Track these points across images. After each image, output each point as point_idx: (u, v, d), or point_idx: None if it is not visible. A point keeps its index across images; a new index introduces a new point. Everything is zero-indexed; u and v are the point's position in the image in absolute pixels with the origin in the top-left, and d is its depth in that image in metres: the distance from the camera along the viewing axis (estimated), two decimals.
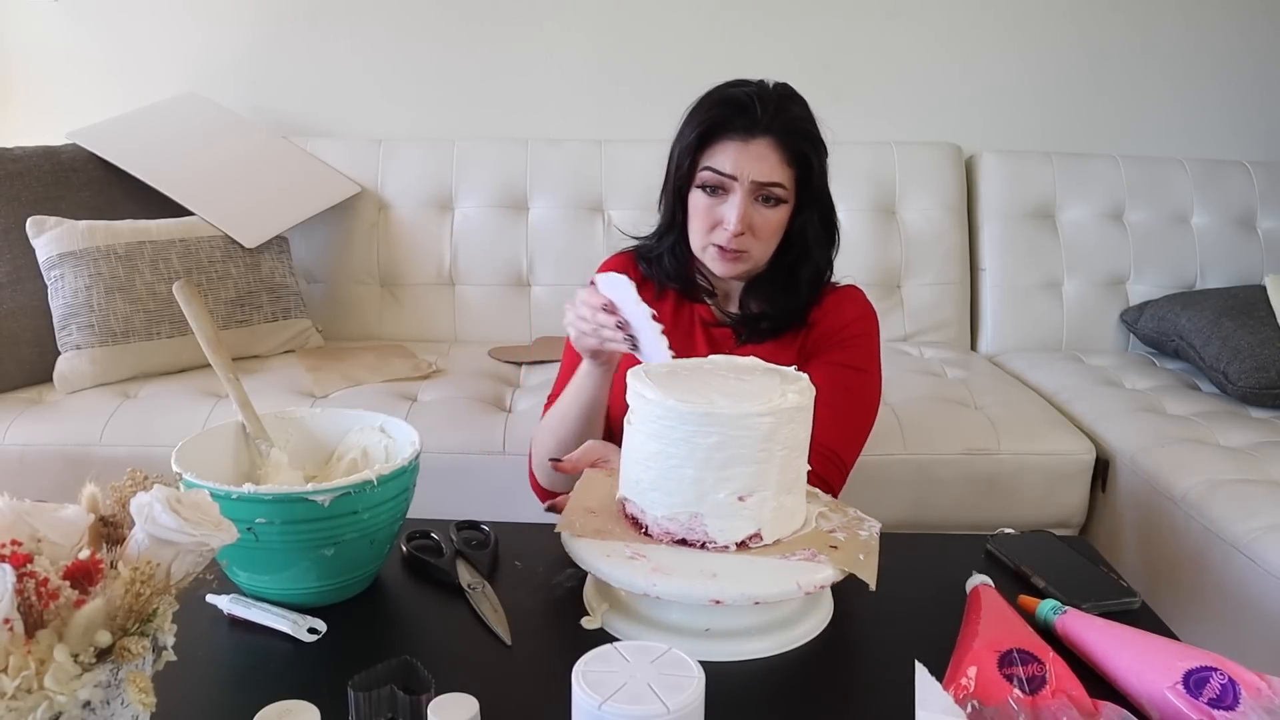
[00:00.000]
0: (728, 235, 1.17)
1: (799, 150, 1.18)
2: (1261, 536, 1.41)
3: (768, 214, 1.19)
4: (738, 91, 1.19)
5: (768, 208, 1.18)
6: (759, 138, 1.16)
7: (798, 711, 0.80)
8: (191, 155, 2.16)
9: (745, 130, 1.17)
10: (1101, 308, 2.32)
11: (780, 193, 1.18)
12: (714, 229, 1.19)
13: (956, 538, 1.16)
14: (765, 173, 1.16)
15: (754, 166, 1.16)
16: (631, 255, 1.33)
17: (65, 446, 1.67)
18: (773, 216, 1.19)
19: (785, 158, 1.17)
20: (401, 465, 0.91)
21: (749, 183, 1.16)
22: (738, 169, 1.17)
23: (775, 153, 1.17)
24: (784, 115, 1.17)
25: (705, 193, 1.19)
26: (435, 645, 0.89)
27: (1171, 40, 2.46)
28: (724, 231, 1.18)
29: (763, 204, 1.18)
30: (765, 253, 1.22)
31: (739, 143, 1.17)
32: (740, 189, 1.17)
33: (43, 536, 0.64)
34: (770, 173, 1.17)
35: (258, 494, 0.84)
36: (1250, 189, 2.37)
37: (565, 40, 2.41)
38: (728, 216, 1.17)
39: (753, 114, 1.16)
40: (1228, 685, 0.75)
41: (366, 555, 0.93)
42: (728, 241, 1.18)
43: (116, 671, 0.61)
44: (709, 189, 1.19)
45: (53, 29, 2.41)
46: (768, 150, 1.16)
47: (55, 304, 1.84)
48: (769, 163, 1.16)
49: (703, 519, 0.87)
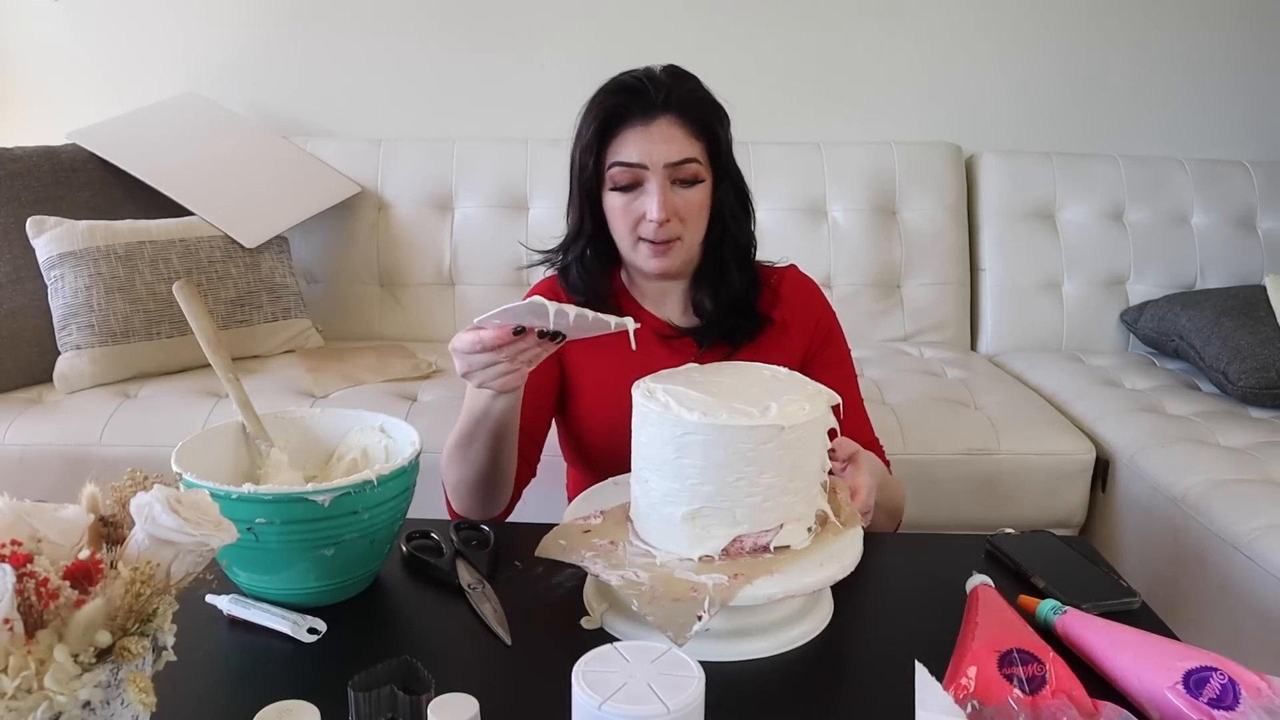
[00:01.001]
0: (654, 226, 1.12)
1: (703, 121, 1.14)
2: (1261, 536, 1.41)
3: (689, 195, 1.14)
4: (627, 78, 1.15)
5: (687, 189, 1.14)
6: (660, 117, 1.12)
7: (798, 711, 0.80)
8: (191, 155, 2.16)
9: (644, 113, 1.12)
10: (1101, 308, 2.32)
11: (695, 169, 1.13)
12: (638, 224, 1.14)
13: (956, 538, 1.16)
14: (675, 152, 1.12)
15: (662, 149, 1.11)
16: (553, 278, 1.27)
17: (65, 446, 1.67)
18: (694, 196, 1.14)
19: (691, 132, 1.13)
20: (401, 465, 0.92)
21: (661, 167, 1.12)
22: (646, 155, 1.12)
23: (679, 129, 1.12)
24: (679, 90, 1.14)
25: (620, 191, 1.14)
26: (435, 645, 0.89)
27: (1171, 40, 2.46)
28: (649, 224, 1.13)
29: (681, 186, 1.13)
30: (696, 236, 1.17)
31: (641, 128, 1.12)
32: (654, 176, 1.12)
33: (43, 536, 0.64)
34: (680, 151, 1.12)
35: (257, 494, 0.84)
36: (1250, 189, 2.37)
37: (565, 40, 2.41)
38: (649, 207, 1.12)
39: (648, 95, 1.12)
40: (1228, 685, 0.75)
41: (367, 555, 0.93)
42: (655, 234, 1.13)
43: (116, 671, 0.61)
44: (622, 187, 1.14)
45: (53, 29, 2.41)
46: (671, 128, 1.12)
47: (55, 304, 1.84)
48: (676, 141, 1.12)
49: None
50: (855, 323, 2.28)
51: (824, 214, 2.31)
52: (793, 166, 2.32)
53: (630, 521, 0.94)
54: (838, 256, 2.28)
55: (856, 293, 2.30)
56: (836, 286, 2.29)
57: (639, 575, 0.85)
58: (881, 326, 2.30)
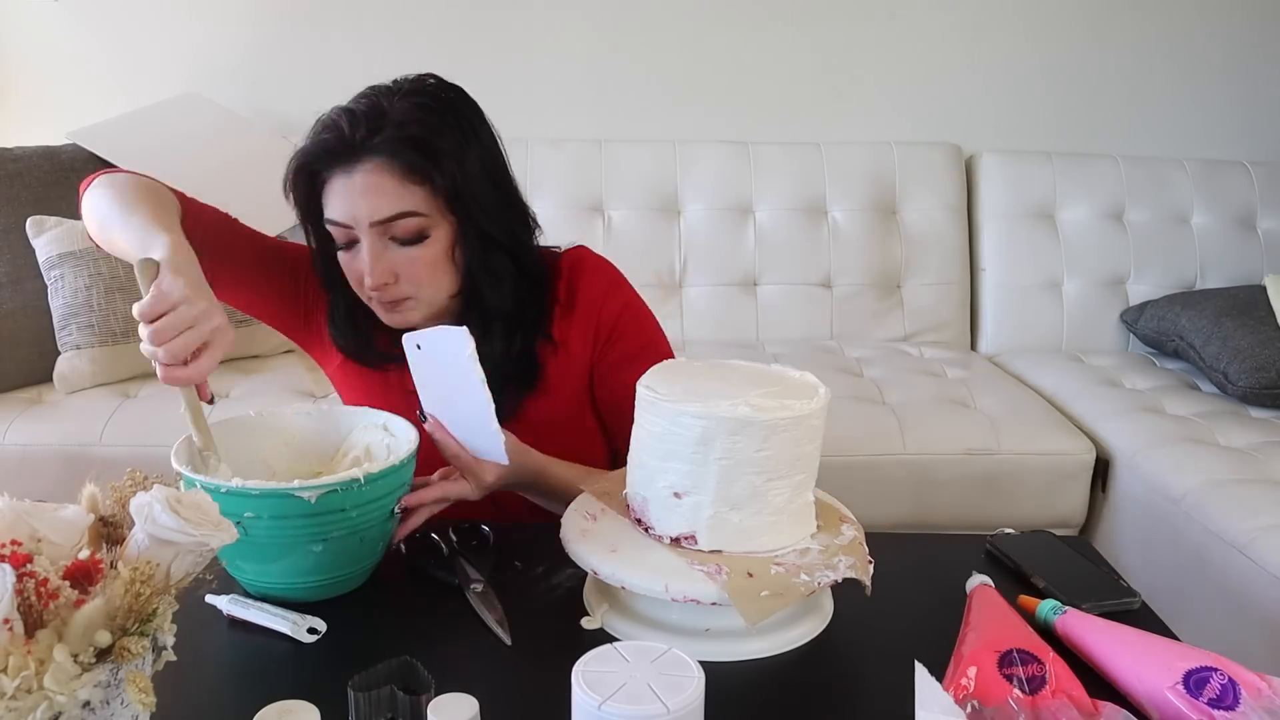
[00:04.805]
0: (369, 291, 1.00)
1: (415, 165, 0.95)
2: (1261, 536, 1.41)
3: (411, 253, 0.97)
4: (333, 112, 0.98)
5: (409, 246, 0.97)
6: (361, 163, 0.95)
7: (798, 711, 0.80)
8: (191, 155, 2.16)
9: (346, 160, 0.95)
10: (1101, 308, 2.32)
11: (415, 224, 0.96)
12: (362, 284, 1.00)
13: (956, 538, 1.16)
14: (382, 207, 0.95)
15: (364, 204, 0.95)
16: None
17: (65, 446, 1.67)
18: (418, 254, 0.97)
19: (403, 178, 0.95)
20: (392, 464, 0.92)
21: (366, 225, 0.96)
22: (348, 214, 0.96)
23: (388, 177, 0.94)
24: (388, 125, 0.94)
25: (342, 247, 1.00)
26: (435, 645, 0.89)
27: (1172, 40, 2.46)
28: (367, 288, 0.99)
29: (401, 244, 0.97)
30: (435, 293, 1.01)
31: (343, 178, 0.96)
32: (363, 235, 0.96)
33: (43, 536, 0.64)
34: (389, 205, 0.95)
35: (245, 489, 0.86)
36: (1250, 189, 2.37)
37: (565, 40, 2.40)
38: (364, 270, 0.97)
39: (344, 136, 0.95)
40: (1228, 685, 0.75)
41: (358, 552, 0.93)
42: (379, 296, 1.00)
43: (116, 671, 0.61)
44: (343, 246, 1.00)
45: (53, 29, 2.41)
46: (378, 177, 0.94)
47: (55, 304, 1.84)
48: (385, 193, 0.94)
49: (648, 505, 0.89)
50: (855, 323, 2.29)
51: (824, 214, 2.31)
52: (793, 166, 2.32)
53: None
54: (838, 256, 2.28)
55: (856, 293, 2.30)
56: (836, 286, 2.29)
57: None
58: (881, 326, 2.30)
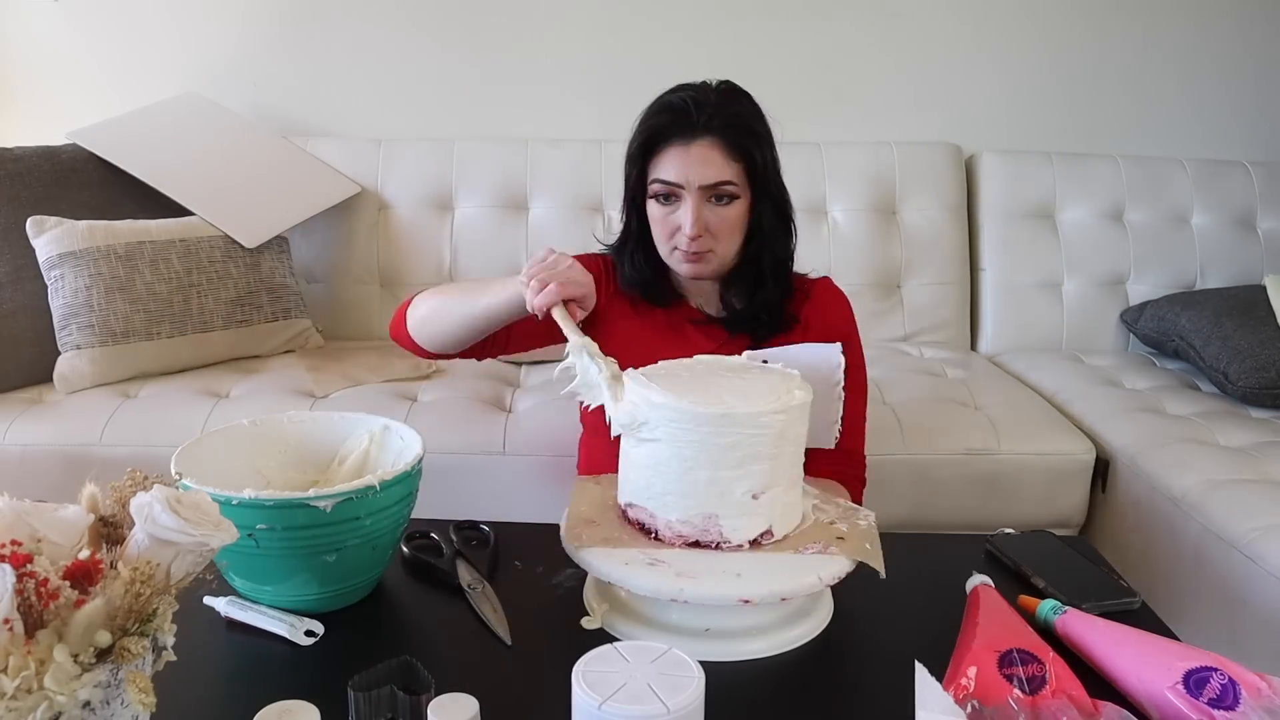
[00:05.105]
0: (686, 240, 1.20)
1: (741, 146, 1.19)
2: (1261, 536, 1.41)
3: (723, 212, 1.20)
4: (674, 97, 1.21)
5: (722, 206, 1.20)
6: (699, 139, 1.18)
7: (798, 711, 0.80)
8: (191, 155, 2.16)
9: (685, 135, 1.18)
10: (1101, 308, 2.32)
11: (731, 189, 1.19)
12: (674, 235, 1.21)
13: (956, 538, 1.16)
14: (710, 175, 1.18)
15: (698, 170, 1.18)
16: (605, 258, 1.35)
17: (65, 446, 1.67)
18: (728, 214, 1.20)
19: (729, 154, 1.19)
20: (405, 470, 0.91)
21: (696, 188, 1.18)
22: (682, 176, 1.18)
23: (718, 152, 1.18)
24: (723, 113, 1.19)
25: (659, 202, 1.21)
26: (435, 645, 0.89)
27: (1172, 40, 2.46)
28: (683, 236, 1.20)
29: (716, 203, 1.20)
30: (729, 249, 1.23)
31: (681, 148, 1.19)
32: (690, 194, 1.19)
33: (43, 536, 0.64)
34: (716, 173, 1.18)
35: (259, 499, 0.83)
36: (1250, 189, 2.37)
37: (565, 40, 2.40)
38: (683, 222, 1.19)
39: (690, 118, 1.18)
40: (1228, 685, 0.75)
41: (369, 561, 0.92)
42: (688, 245, 1.20)
43: (116, 672, 0.61)
44: (662, 198, 1.21)
45: (53, 29, 2.41)
46: (710, 151, 1.18)
47: (55, 304, 1.84)
48: (713, 164, 1.18)
49: (718, 519, 0.87)
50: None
51: (824, 214, 2.30)
52: (793, 166, 2.28)
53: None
54: (838, 256, 2.28)
55: (856, 293, 2.27)
56: None
57: None
58: (881, 326, 2.30)
